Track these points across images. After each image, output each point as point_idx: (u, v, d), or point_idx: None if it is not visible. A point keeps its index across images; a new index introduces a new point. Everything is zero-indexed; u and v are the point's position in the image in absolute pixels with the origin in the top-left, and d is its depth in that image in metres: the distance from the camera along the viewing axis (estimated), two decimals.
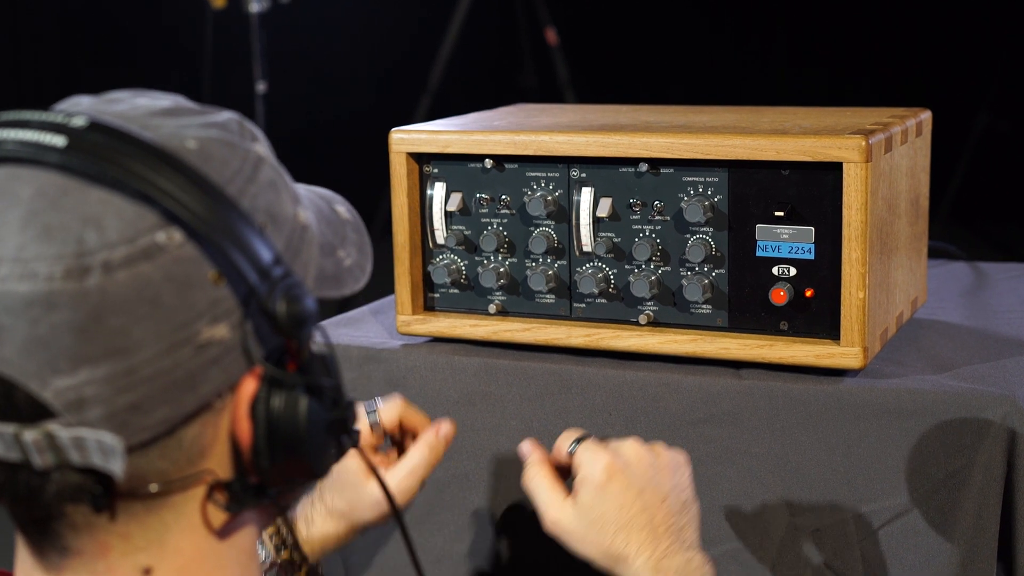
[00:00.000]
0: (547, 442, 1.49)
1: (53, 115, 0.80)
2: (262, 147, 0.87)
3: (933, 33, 4.90)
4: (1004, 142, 4.63)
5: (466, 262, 1.52)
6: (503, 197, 1.49)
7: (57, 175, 0.78)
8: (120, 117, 0.83)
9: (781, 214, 1.37)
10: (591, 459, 1.17)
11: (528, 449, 1.23)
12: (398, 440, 1.36)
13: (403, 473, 1.29)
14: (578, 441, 1.21)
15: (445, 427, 1.31)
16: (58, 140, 0.78)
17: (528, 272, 1.49)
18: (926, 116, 1.58)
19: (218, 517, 0.85)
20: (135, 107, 0.85)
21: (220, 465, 0.84)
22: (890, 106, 1.61)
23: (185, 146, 0.81)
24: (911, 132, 1.49)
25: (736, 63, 5.21)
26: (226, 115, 0.87)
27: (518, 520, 1.49)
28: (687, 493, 1.19)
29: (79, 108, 0.85)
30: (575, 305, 1.49)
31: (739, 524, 1.40)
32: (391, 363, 1.53)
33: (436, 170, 1.52)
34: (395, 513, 1.00)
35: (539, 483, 1.19)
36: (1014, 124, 4.59)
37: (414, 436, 1.34)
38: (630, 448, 1.18)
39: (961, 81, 4.78)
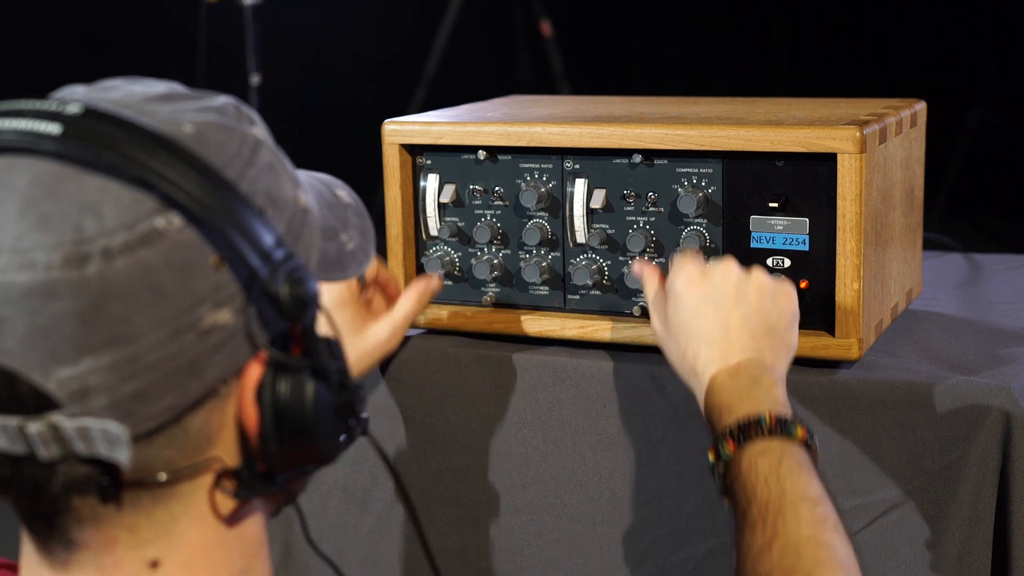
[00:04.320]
0: (539, 436, 1.48)
1: (47, 103, 0.79)
2: (260, 130, 0.86)
3: (928, 25, 4.89)
4: (1000, 134, 4.62)
5: (459, 254, 1.51)
6: (496, 189, 1.48)
7: (53, 163, 0.77)
8: (115, 104, 0.82)
9: (775, 205, 1.37)
10: (677, 270, 1.22)
11: (639, 269, 1.30)
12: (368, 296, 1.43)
13: (397, 320, 1.39)
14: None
15: (435, 281, 1.42)
16: (53, 128, 0.77)
17: (522, 264, 1.48)
18: (921, 107, 1.57)
19: (226, 505, 0.84)
20: (130, 94, 0.84)
21: (227, 452, 0.83)
22: (885, 97, 1.60)
23: (182, 130, 0.81)
24: (906, 123, 1.49)
25: (731, 54, 5.21)
26: (222, 99, 0.86)
27: (513, 513, 1.49)
28: (778, 320, 1.19)
29: (74, 97, 0.84)
30: (569, 297, 1.48)
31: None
32: None
33: (429, 161, 1.51)
34: (405, 500, 0.99)
35: (647, 294, 1.26)
36: (1010, 117, 4.58)
37: (385, 290, 1.44)
38: (720, 265, 1.21)
39: (956, 73, 4.77)
